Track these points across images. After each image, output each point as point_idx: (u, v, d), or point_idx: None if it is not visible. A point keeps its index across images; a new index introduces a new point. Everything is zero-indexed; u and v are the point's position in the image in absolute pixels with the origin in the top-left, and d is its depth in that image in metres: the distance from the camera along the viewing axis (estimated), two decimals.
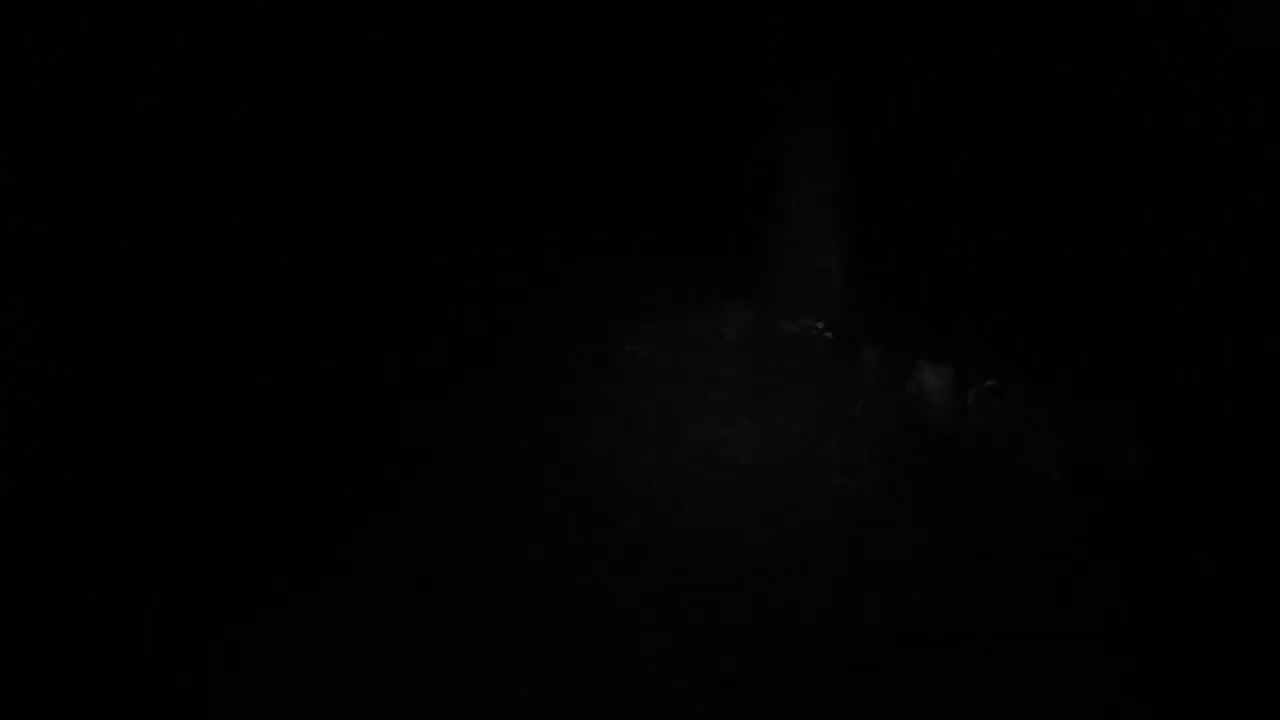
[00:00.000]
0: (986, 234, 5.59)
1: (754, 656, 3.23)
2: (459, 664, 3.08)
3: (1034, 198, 6.01)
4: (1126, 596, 3.56)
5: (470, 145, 6.12)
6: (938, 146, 6.53)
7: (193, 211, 5.13)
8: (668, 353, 5.58)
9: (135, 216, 4.90)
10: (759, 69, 5.72)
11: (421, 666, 3.05)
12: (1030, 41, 6.17)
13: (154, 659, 2.99)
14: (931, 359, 5.24)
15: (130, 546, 3.52)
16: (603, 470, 4.33)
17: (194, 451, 4.13)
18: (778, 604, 3.51)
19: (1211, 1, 5.60)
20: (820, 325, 5.86)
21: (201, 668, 2.98)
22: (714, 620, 3.40)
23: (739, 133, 6.07)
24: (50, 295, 4.47)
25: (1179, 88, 5.87)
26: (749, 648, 3.27)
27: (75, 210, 4.68)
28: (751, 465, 4.53)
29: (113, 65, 4.84)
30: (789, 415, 4.98)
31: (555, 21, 5.98)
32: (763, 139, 5.90)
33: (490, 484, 4.19)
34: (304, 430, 4.38)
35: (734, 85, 5.94)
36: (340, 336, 5.07)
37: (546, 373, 5.11)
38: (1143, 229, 6.33)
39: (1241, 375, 4.95)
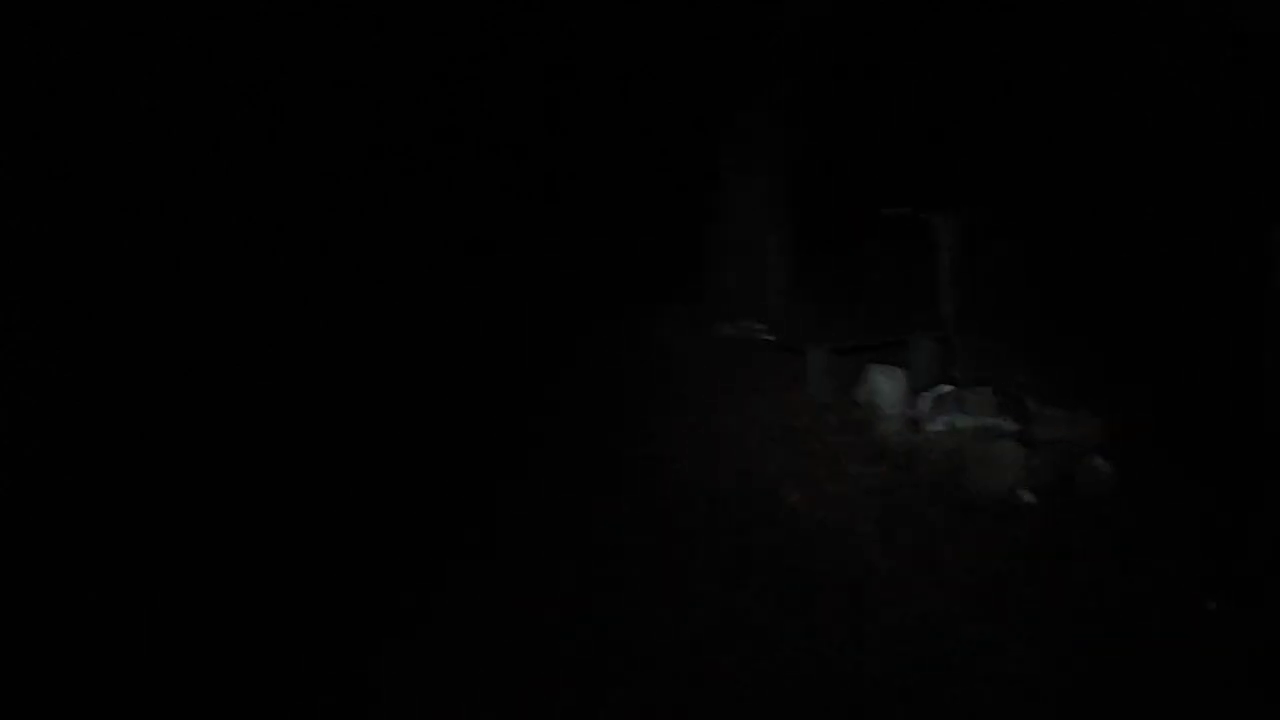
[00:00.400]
0: (941, 232, 5.25)
1: (707, 681, 2.98)
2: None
3: (991, 195, 5.92)
4: (1094, 616, 3.26)
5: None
6: (892, 144, 6.50)
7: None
8: (603, 359, 5.26)
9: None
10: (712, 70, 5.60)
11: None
12: (992, 43, 6.19)
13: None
14: (881, 363, 4.87)
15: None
16: (537, 495, 4.02)
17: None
18: (730, 634, 3.16)
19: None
20: (760, 327, 5.57)
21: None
22: (662, 655, 3.07)
23: (682, 133, 5.94)
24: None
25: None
26: (700, 676, 3.00)
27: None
28: (693, 483, 4.17)
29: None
30: (733, 426, 4.65)
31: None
32: (706, 138, 5.73)
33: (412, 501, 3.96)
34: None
35: (681, 90, 5.84)
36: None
37: (478, 384, 4.88)
38: (1108, 232, 6.32)
39: (1212, 384, 4.75)
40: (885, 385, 4.69)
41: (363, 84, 5.76)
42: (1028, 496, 4.05)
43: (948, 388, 4.64)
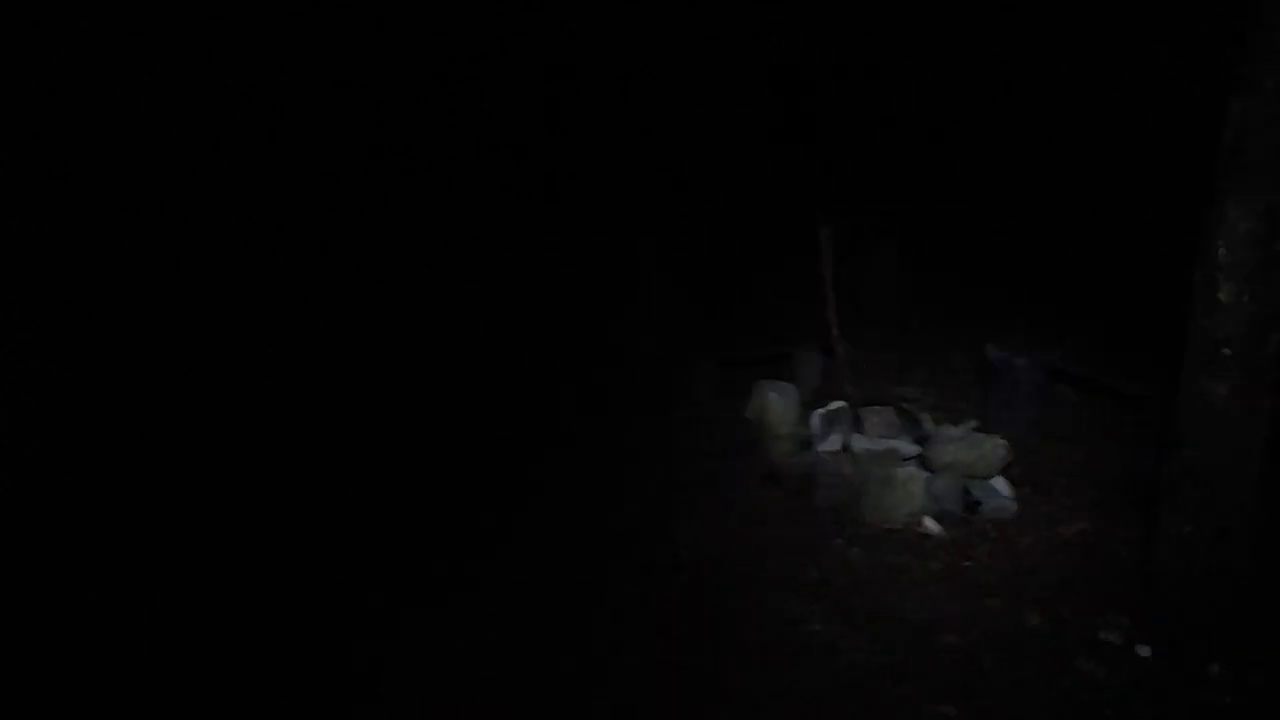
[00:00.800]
0: (824, 239, 4.90)
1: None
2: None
3: (873, 202, 5.91)
4: (1019, 664, 2.98)
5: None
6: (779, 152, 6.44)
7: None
8: (468, 377, 4.91)
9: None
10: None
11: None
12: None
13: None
14: (769, 377, 4.55)
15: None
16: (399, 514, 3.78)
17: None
18: (622, 685, 2.86)
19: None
20: (644, 338, 5.23)
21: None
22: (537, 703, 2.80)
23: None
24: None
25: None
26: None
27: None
28: (584, 518, 3.79)
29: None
30: (614, 450, 4.35)
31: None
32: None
33: None
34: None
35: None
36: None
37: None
38: (995, 238, 6.26)
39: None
40: (777, 402, 4.40)
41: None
42: (933, 526, 3.81)
43: (839, 404, 4.38)
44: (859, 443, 4.19)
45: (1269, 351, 2.89)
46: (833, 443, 4.26)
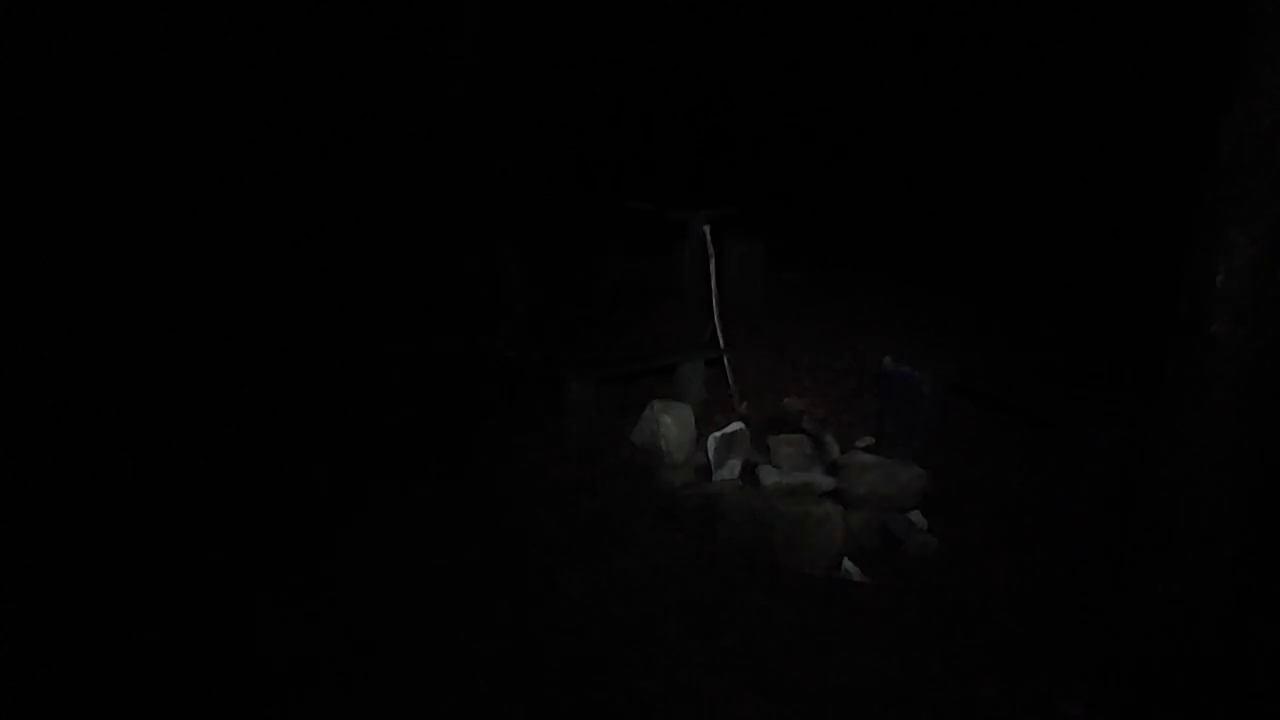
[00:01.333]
0: (705, 235, 4.52)
1: None
2: None
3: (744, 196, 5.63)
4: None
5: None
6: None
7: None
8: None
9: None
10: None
11: None
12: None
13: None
14: (653, 392, 4.08)
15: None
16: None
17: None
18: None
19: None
20: (503, 345, 4.67)
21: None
22: None
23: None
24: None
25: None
26: None
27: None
28: (456, 566, 3.17)
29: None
30: (484, 478, 3.73)
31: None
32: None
33: None
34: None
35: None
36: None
37: None
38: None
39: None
40: (671, 426, 3.86)
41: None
42: (854, 570, 3.41)
43: (737, 426, 3.93)
44: (769, 475, 3.75)
45: (1266, 392, 2.54)
46: (731, 469, 3.84)
